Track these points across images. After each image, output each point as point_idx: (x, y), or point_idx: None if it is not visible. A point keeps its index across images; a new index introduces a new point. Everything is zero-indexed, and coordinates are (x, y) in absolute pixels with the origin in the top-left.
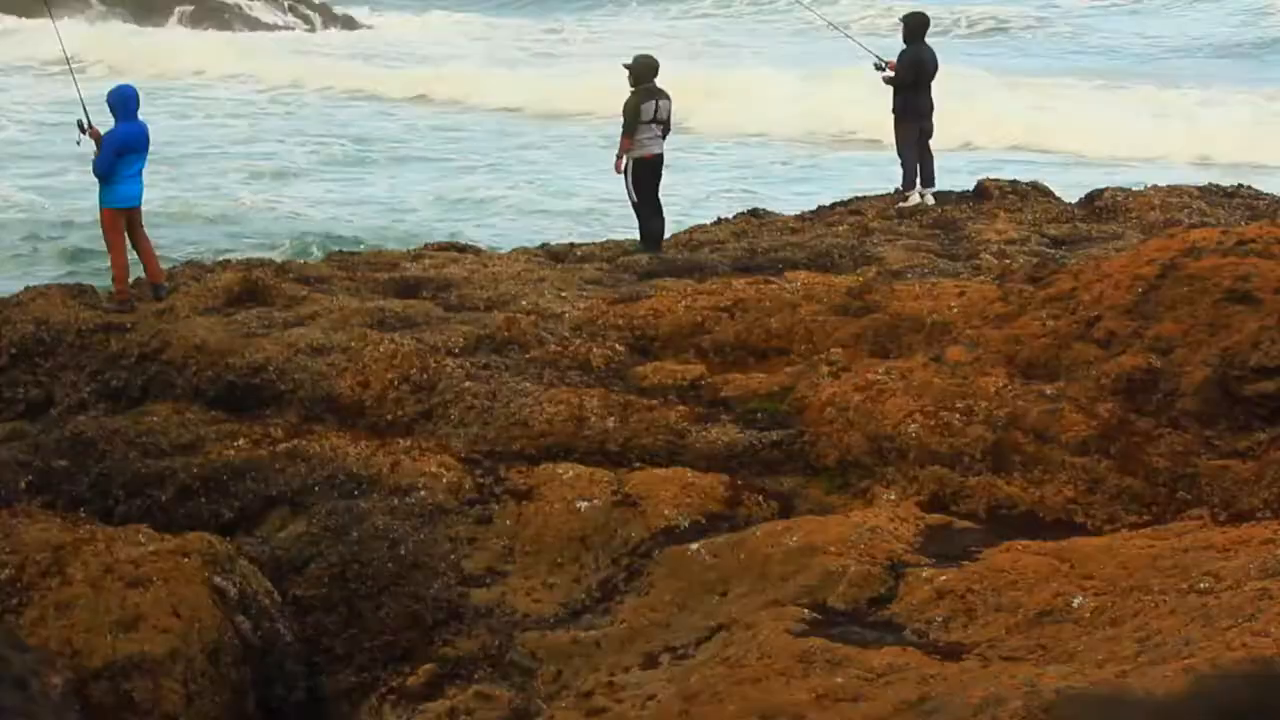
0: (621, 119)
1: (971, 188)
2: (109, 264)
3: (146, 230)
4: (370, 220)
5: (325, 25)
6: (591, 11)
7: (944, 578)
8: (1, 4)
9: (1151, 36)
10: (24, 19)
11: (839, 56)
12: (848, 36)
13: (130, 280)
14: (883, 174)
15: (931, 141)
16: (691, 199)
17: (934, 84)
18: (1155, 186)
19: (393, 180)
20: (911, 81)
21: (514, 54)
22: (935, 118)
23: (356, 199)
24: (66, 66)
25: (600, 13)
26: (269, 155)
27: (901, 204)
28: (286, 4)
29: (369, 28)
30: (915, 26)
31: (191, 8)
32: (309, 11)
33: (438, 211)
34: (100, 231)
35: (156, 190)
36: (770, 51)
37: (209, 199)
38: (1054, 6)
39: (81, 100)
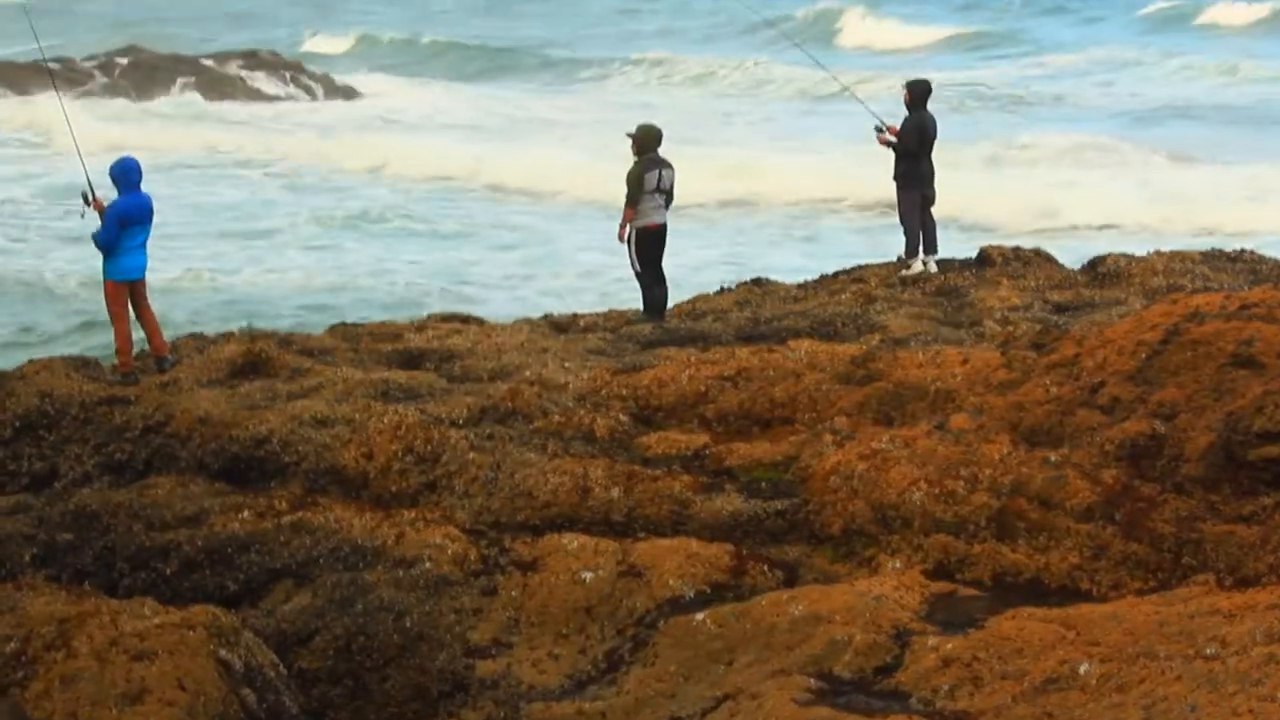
0: (625, 188)
1: (974, 254)
2: (113, 336)
3: (150, 302)
4: (369, 291)
5: (327, 96)
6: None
7: (950, 646)
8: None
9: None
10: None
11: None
12: (854, 98)
13: (134, 353)
14: (882, 242)
15: (934, 208)
16: (693, 267)
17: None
18: (1158, 252)
19: (390, 251)
20: (915, 148)
21: (507, 124)
22: (937, 184)
23: (356, 270)
24: (72, 140)
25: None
26: (270, 229)
27: (904, 271)
28: (289, 75)
29: (363, 95)
30: (919, 93)
31: (193, 79)
32: (311, 82)
33: (437, 281)
34: (104, 304)
35: (159, 262)
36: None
37: (209, 271)
38: (1037, 65)
39: (86, 173)
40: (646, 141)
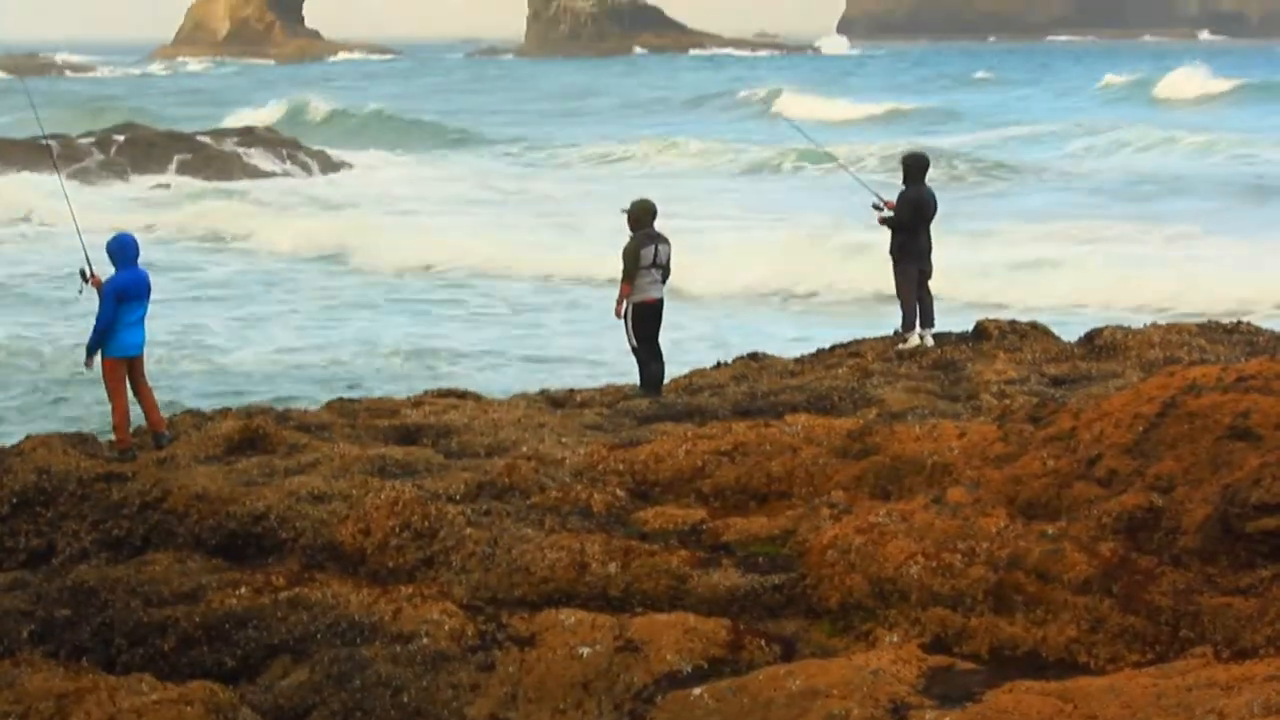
0: (621, 263)
1: (970, 328)
2: (110, 412)
3: (147, 378)
4: (363, 366)
5: (323, 171)
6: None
7: (948, 719)
8: None
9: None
10: None
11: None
12: (851, 174)
13: (131, 429)
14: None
15: (931, 282)
16: (689, 342)
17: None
18: (1154, 324)
19: (386, 327)
20: (910, 222)
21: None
22: (934, 258)
23: (352, 345)
24: (71, 218)
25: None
26: (266, 305)
27: (901, 345)
28: (285, 151)
29: (352, 167)
30: (915, 168)
31: (190, 155)
32: (307, 159)
33: (427, 360)
34: (101, 380)
35: (156, 338)
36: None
37: (206, 347)
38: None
39: (84, 249)
40: (641, 216)
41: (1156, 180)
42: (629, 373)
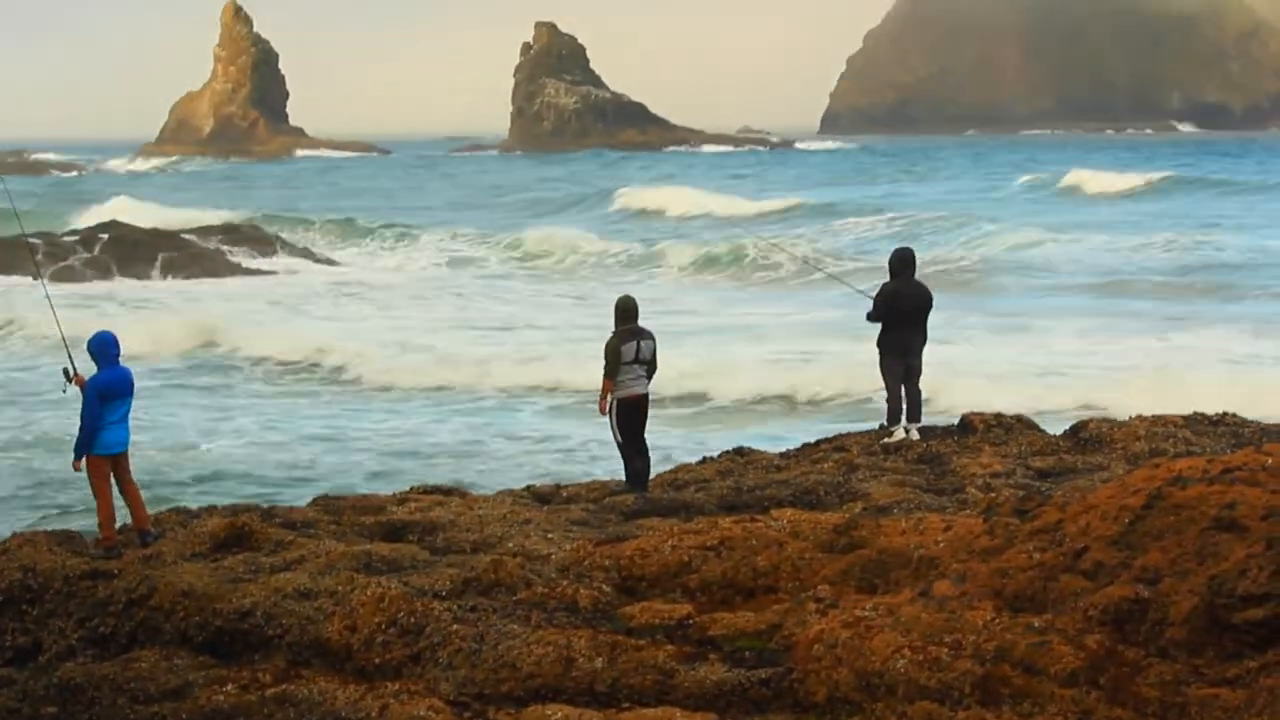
0: (603, 360)
1: (956, 421)
2: (95, 510)
3: (132, 476)
4: (352, 463)
5: (306, 268)
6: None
7: None
8: None
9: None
10: None
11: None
12: (837, 279)
13: (117, 526)
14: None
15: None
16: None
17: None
18: (1140, 416)
19: (368, 423)
20: (886, 316)
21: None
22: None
23: (335, 442)
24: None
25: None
26: (250, 403)
27: (886, 439)
28: (269, 249)
29: (337, 264)
30: (894, 262)
31: (175, 254)
32: (291, 257)
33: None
34: (86, 477)
35: (140, 435)
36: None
37: (189, 446)
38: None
39: (67, 348)
40: (624, 313)
41: (991, 269)
42: (616, 469)
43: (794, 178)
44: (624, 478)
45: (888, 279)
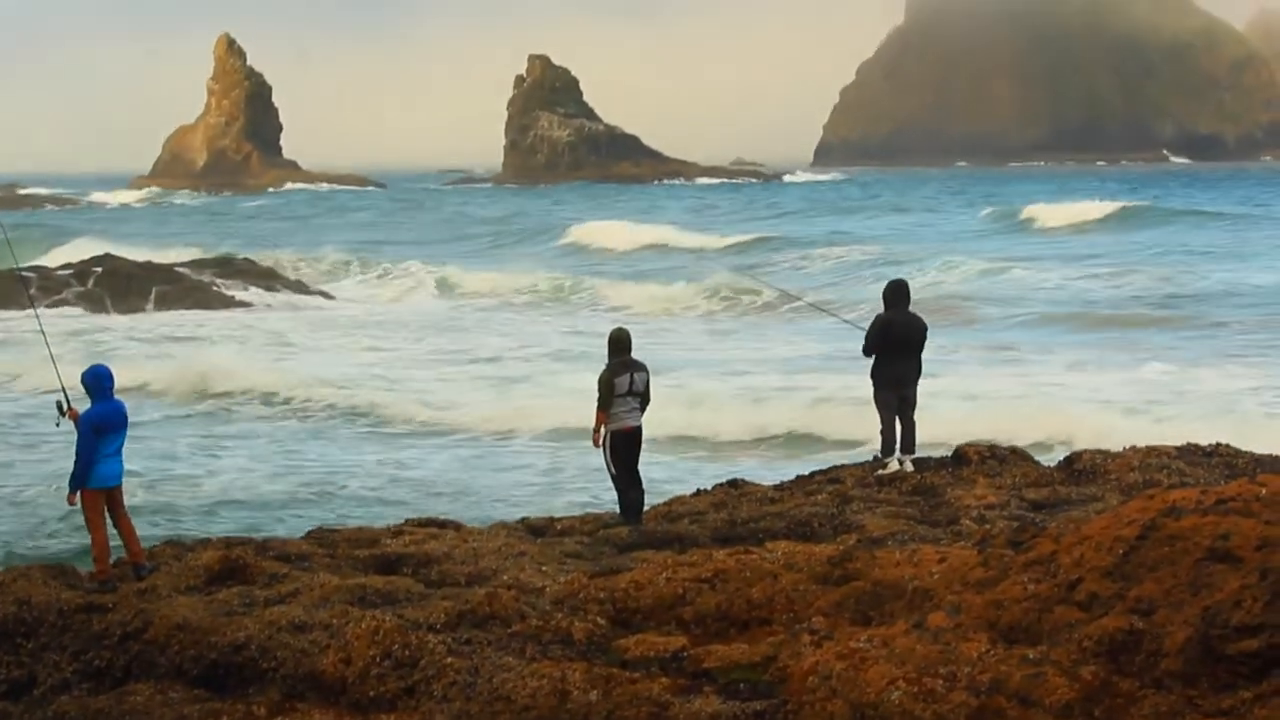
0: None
1: (950, 453)
2: (89, 543)
3: (127, 509)
4: (344, 495)
5: (301, 302)
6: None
7: None
8: None
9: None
10: None
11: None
12: (822, 310)
13: (111, 560)
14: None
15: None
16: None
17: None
18: (1134, 447)
19: (366, 456)
20: (876, 346)
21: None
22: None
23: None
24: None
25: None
26: (246, 432)
27: (880, 471)
28: (263, 282)
29: (331, 297)
30: (887, 293)
31: (169, 287)
32: (283, 289)
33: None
34: (80, 511)
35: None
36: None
37: (184, 478)
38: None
39: (61, 383)
40: (617, 345)
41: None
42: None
43: (763, 209)
44: (618, 509)
45: (881, 310)
